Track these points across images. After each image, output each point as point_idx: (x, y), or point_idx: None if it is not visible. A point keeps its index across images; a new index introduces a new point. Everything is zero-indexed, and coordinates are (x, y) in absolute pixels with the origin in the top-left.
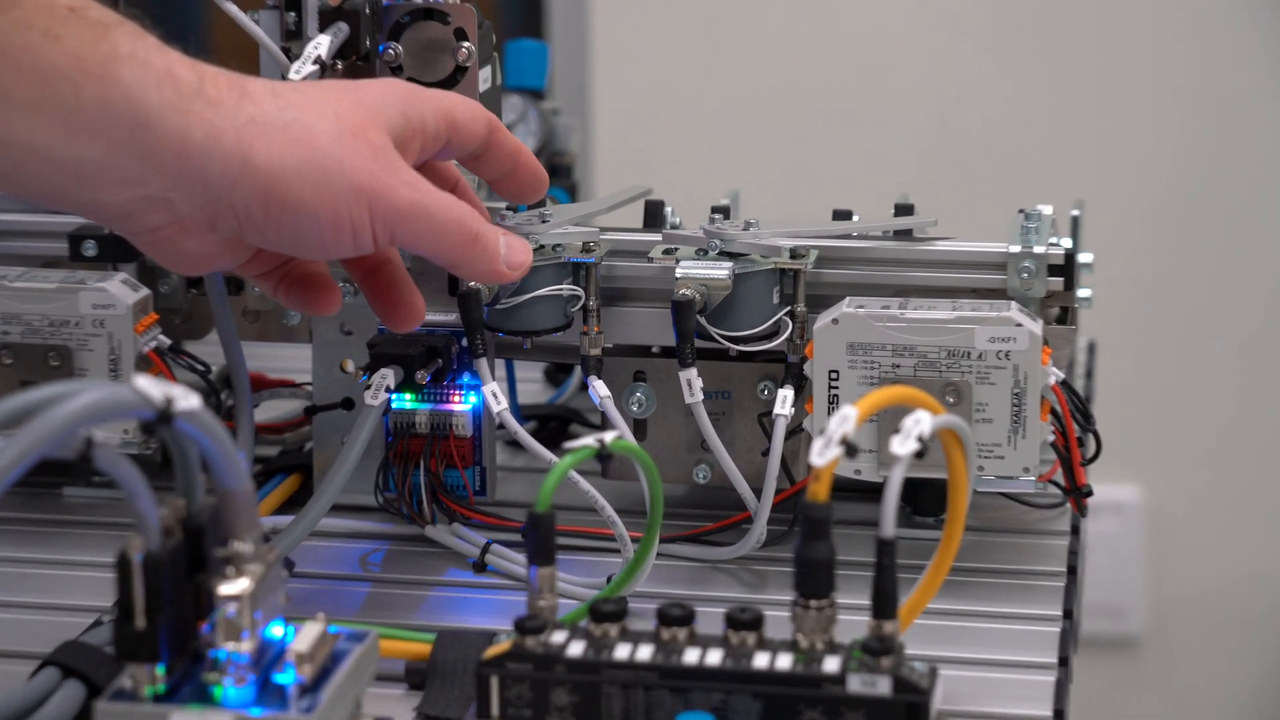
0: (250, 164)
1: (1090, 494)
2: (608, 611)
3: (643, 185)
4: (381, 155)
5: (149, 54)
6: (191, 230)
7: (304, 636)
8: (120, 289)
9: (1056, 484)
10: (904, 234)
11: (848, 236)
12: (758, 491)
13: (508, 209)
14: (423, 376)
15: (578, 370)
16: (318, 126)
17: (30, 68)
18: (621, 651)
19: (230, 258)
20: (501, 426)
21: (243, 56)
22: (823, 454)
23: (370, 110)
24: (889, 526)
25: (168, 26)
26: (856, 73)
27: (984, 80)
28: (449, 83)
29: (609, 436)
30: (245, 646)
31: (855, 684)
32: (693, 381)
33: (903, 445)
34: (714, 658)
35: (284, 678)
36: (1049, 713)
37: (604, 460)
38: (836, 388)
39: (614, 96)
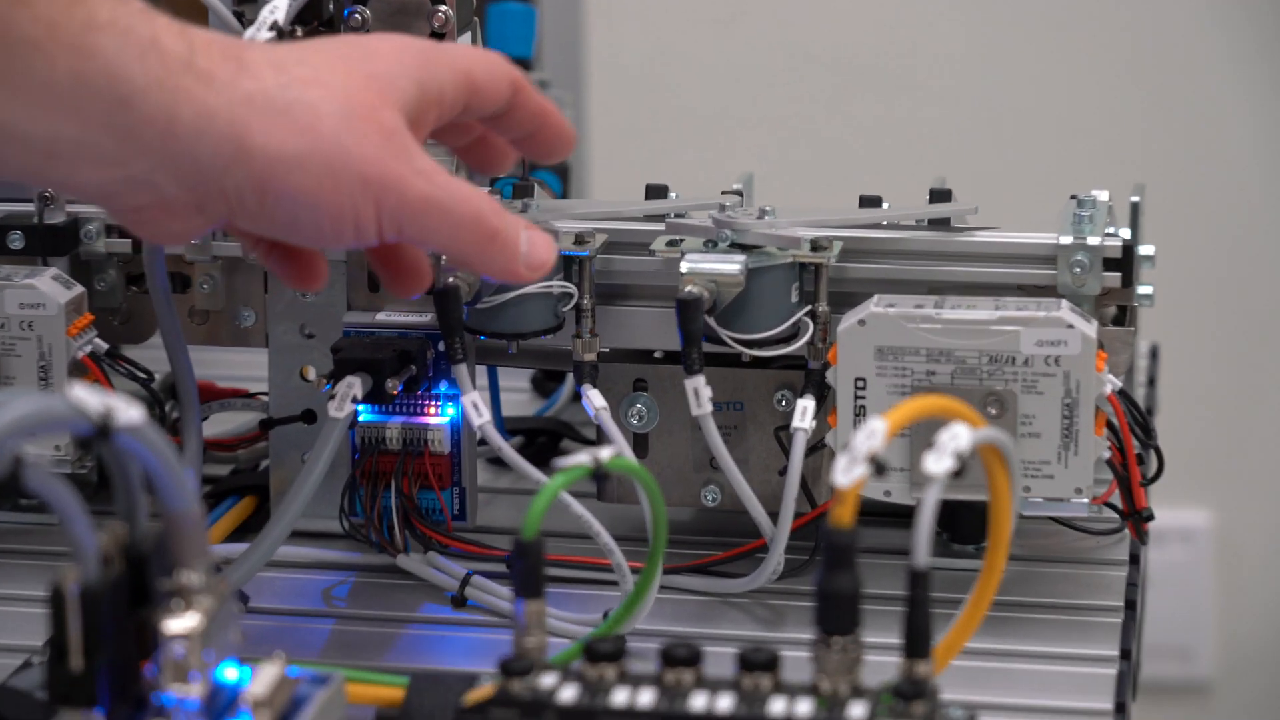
0: (245, 149)
1: (1152, 518)
2: (604, 651)
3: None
4: (394, 140)
5: (132, 20)
6: (177, 212)
7: (261, 679)
8: (51, 286)
9: (1113, 507)
10: (940, 223)
11: (876, 226)
12: (774, 516)
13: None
14: (394, 385)
15: (570, 378)
16: (323, 107)
17: None
18: (619, 697)
19: (212, 228)
20: (483, 442)
21: (190, 19)
22: (848, 473)
23: (383, 85)
24: (923, 555)
25: None
26: (886, 36)
27: (1032, 43)
28: None
29: (605, 453)
30: (195, 690)
31: None
32: (700, 391)
33: (938, 463)
34: (724, 704)
35: None
36: None
37: (600, 480)
38: (863, 398)
39: (611, 65)
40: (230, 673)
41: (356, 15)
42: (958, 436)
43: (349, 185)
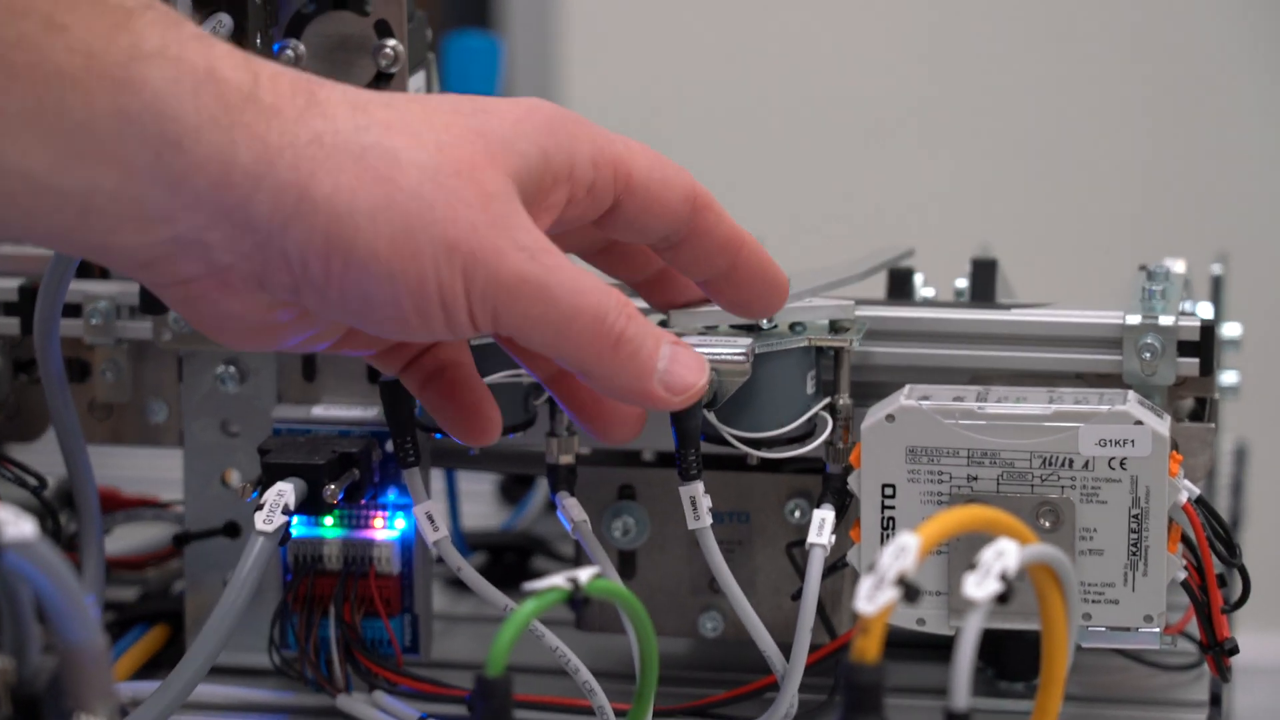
0: (309, 199)
1: (1236, 651)
2: None
3: (903, 245)
4: (494, 206)
5: (185, 49)
6: (235, 286)
7: None
8: None
9: (1190, 638)
10: (982, 298)
11: (908, 303)
12: (785, 649)
13: None
14: (333, 493)
15: (542, 484)
16: (406, 156)
17: (25, 69)
18: None
19: (302, 327)
20: (440, 560)
21: None
22: (873, 598)
23: (492, 143)
24: (962, 695)
25: None
26: (918, 74)
27: (1094, 84)
28: None
29: (585, 575)
30: None
31: None
32: (698, 500)
33: (981, 586)
34: None
35: None
36: None
37: (578, 606)
38: (892, 508)
39: (591, 109)
40: None
41: (288, 51)
42: (1004, 554)
43: (430, 250)
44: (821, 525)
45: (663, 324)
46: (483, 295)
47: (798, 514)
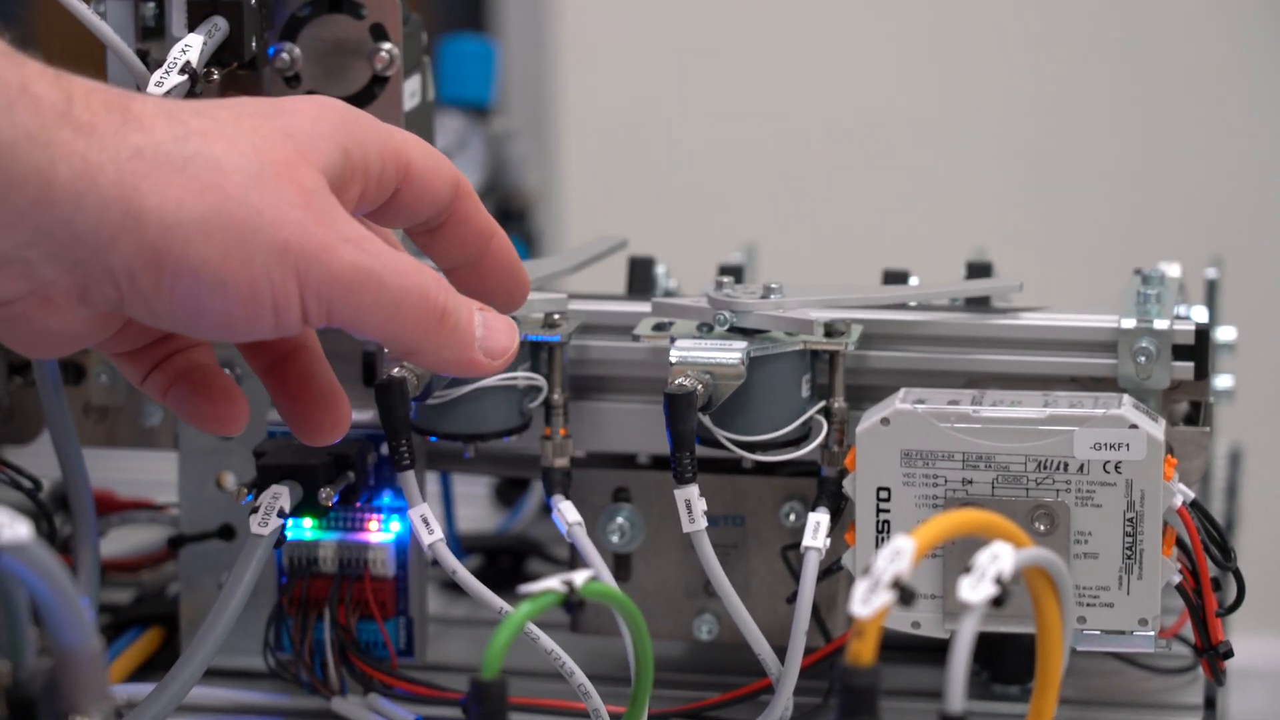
0: (135, 213)
1: (1231, 655)
2: None
3: (617, 236)
4: (315, 202)
5: None
6: (57, 302)
7: None
8: None
9: (1185, 641)
10: (978, 303)
11: (902, 306)
12: (780, 652)
13: None
14: (328, 496)
15: (537, 488)
16: (230, 163)
17: None
18: None
19: (100, 332)
20: (435, 563)
21: (81, 63)
22: (869, 601)
23: (300, 142)
24: (957, 698)
25: None
26: (908, 82)
27: (1088, 88)
28: (364, 98)
29: (580, 578)
30: None
31: None
32: (693, 503)
33: (976, 590)
34: None
35: None
36: None
37: (574, 609)
38: (887, 511)
39: (586, 112)
40: None
41: (284, 55)
42: (999, 558)
43: (262, 255)
44: (816, 528)
45: (661, 325)
46: (317, 292)
47: (793, 517)
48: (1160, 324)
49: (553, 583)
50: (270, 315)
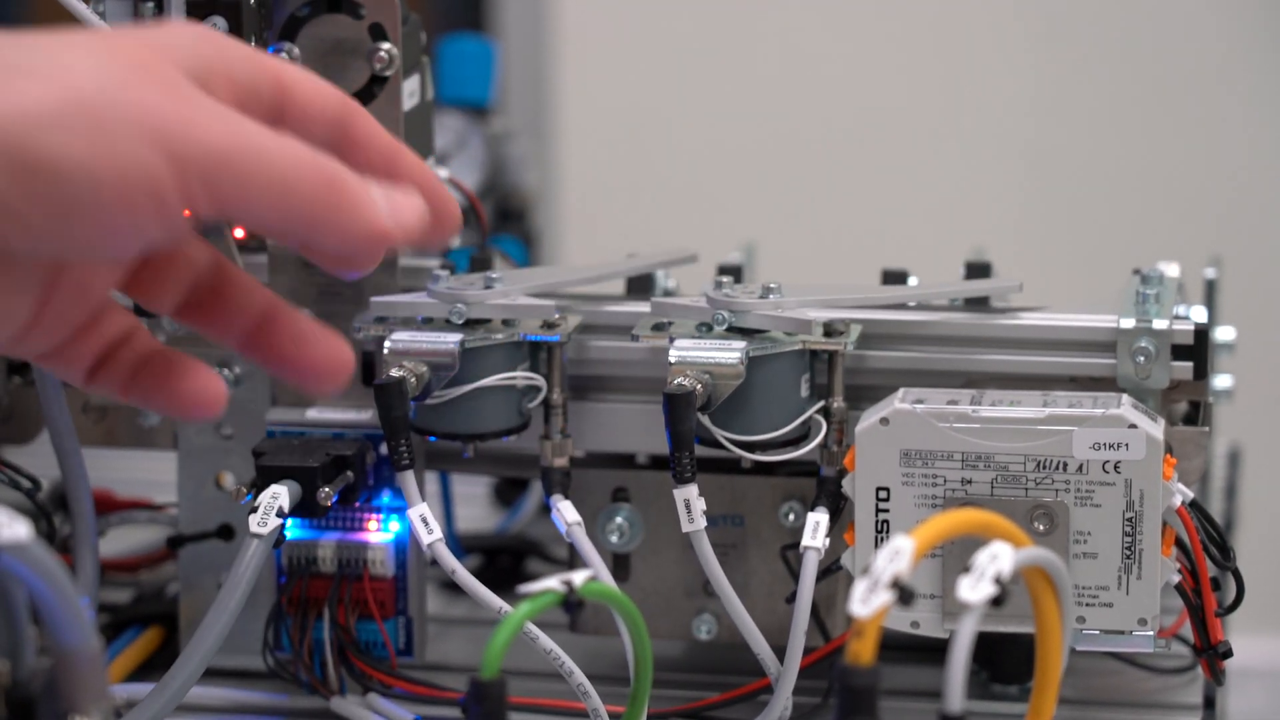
0: None
1: (1230, 655)
2: None
3: (688, 248)
4: (180, 90)
5: None
6: None
7: None
8: None
9: (1184, 641)
10: (977, 303)
11: (901, 306)
12: (780, 651)
13: (441, 268)
14: (327, 496)
15: (536, 487)
16: (82, 64)
17: None
18: None
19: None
20: (434, 563)
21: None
22: (868, 601)
23: (156, 48)
24: (956, 698)
25: None
26: (912, 83)
27: (1087, 87)
28: (363, 97)
29: (579, 577)
30: None
31: None
32: (692, 503)
33: (975, 589)
34: None
35: None
36: None
37: (573, 609)
38: (886, 511)
39: (585, 111)
40: None
41: (283, 54)
42: (998, 557)
43: (128, 138)
44: (816, 528)
45: (660, 325)
46: (196, 172)
47: (792, 517)
48: (1159, 324)
49: (552, 582)
50: (150, 206)
